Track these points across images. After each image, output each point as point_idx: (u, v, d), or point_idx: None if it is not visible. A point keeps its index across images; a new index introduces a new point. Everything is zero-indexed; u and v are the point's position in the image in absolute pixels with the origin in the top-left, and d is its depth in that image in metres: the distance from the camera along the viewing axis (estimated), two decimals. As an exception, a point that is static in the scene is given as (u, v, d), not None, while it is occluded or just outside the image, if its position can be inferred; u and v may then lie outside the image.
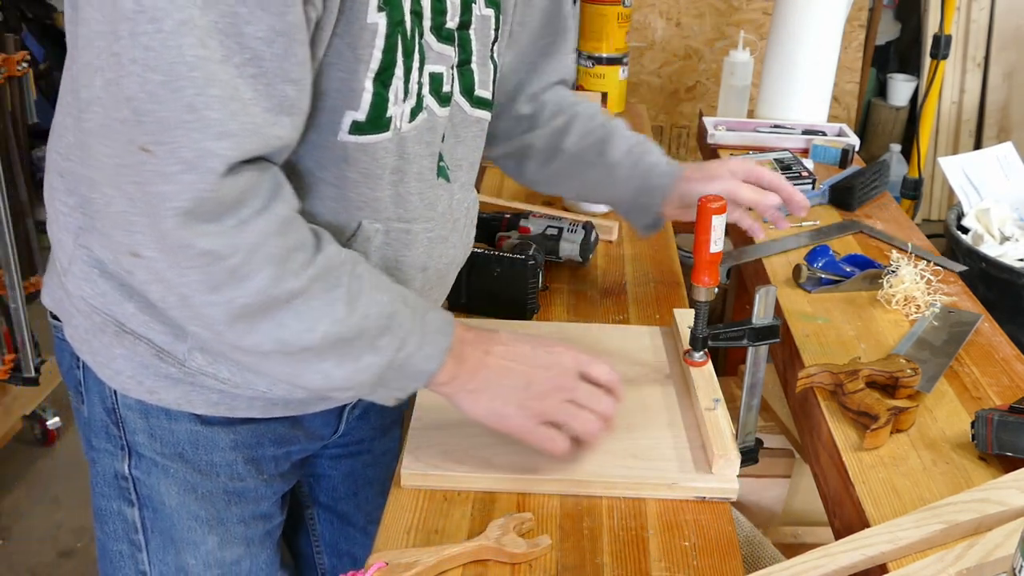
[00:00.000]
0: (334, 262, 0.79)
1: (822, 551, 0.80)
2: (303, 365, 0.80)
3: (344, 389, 0.83)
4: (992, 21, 3.72)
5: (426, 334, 0.84)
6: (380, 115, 0.81)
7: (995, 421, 0.92)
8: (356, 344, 0.80)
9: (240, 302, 0.74)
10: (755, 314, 0.94)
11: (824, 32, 1.86)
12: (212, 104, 0.68)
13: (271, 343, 0.77)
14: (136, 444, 0.95)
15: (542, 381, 0.88)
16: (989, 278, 1.77)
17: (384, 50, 0.78)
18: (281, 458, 1.02)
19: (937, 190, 3.88)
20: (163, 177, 0.69)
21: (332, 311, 0.78)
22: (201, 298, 0.74)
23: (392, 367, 0.82)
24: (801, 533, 1.73)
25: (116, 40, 0.66)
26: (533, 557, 0.82)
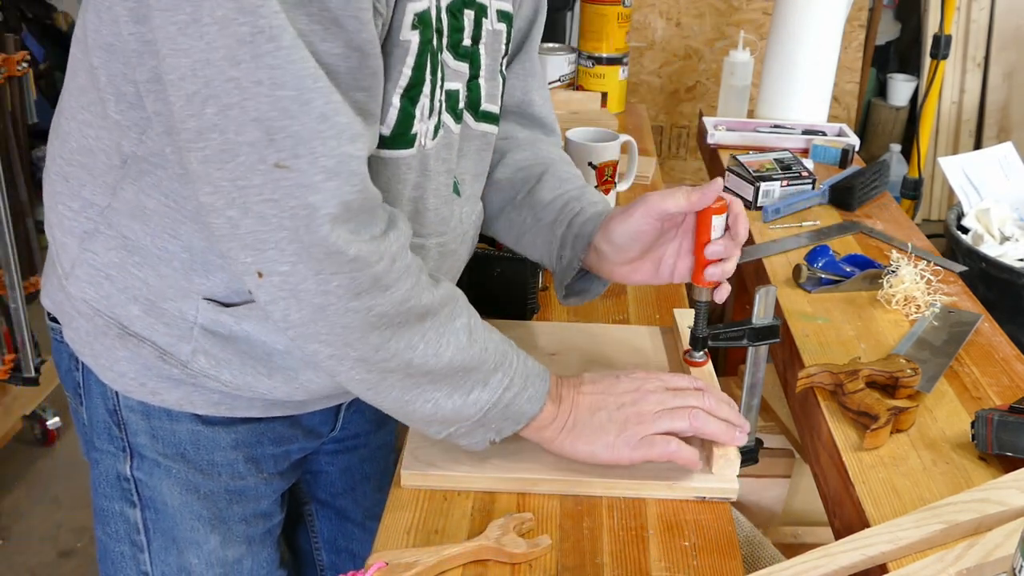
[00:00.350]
0: (457, 294, 0.84)
1: (822, 551, 0.80)
2: (417, 391, 0.82)
3: (447, 423, 0.84)
4: (992, 21, 3.73)
5: (529, 376, 0.86)
6: (405, 131, 0.82)
7: (995, 421, 0.92)
8: (472, 376, 0.83)
9: (379, 310, 0.76)
10: (755, 314, 0.95)
11: (824, 32, 1.86)
12: (340, 110, 0.70)
13: (398, 361, 0.79)
14: (138, 445, 0.95)
15: (631, 403, 0.89)
16: (989, 278, 1.77)
17: (414, 68, 0.80)
18: (280, 457, 1.02)
19: (937, 190, 3.88)
20: (307, 188, 0.70)
21: (457, 339, 0.81)
22: (342, 305, 0.75)
23: (497, 406, 0.84)
24: (801, 533, 1.73)
25: (234, 65, 0.66)
26: (533, 557, 0.82)
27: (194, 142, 0.70)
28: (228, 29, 0.65)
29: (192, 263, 0.84)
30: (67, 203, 0.86)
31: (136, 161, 0.80)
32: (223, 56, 0.66)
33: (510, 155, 1.07)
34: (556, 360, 1.10)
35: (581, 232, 1.00)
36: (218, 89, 0.67)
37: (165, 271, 0.84)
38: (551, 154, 1.10)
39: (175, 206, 0.81)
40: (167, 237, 0.83)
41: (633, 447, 0.88)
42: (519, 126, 1.11)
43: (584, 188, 1.05)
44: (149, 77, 0.74)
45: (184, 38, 0.66)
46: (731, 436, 0.90)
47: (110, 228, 0.85)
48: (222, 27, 0.65)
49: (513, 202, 1.06)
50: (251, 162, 0.69)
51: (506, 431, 0.87)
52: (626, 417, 0.88)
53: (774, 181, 1.57)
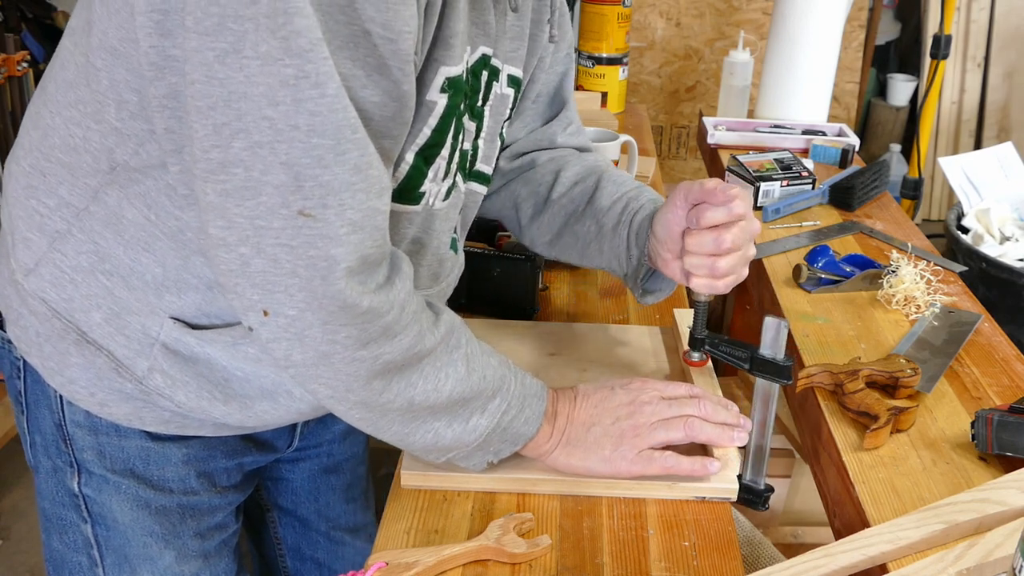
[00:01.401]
0: (455, 323, 0.83)
1: (822, 551, 0.80)
2: (418, 423, 0.81)
3: (446, 450, 0.84)
4: (992, 21, 3.73)
5: (526, 397, 0.86)
6: (414, 188, 0.82)
7: (995, 421, 0.92)
8: (471, 405, 0.82)
9: (385, 359, 0.75)
10: (761, 343, 0.91)
11: (824, 32, 1.86)
12: (373, 163, 0.69)
13: (400, 401, 0.79)
14: (85, 462, 0.92)
15: (627, 416, 0.89)
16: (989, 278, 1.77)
17: (435, 129, 0.79)
18: (233, 470, 1.00)
19: (937, 190, 3.88)
20: (330, 240, 0.68)
21: (456, 371, 0.81)
22: (348, 354, 0.74)
23: (496, 430, 0.84)
24: (801, 533, 1.74)
25: (272, 105, 0.64)
26: (533, 557, 0.82)
27: (215, 173, 0.67)
28: (271, 68, 0.63)
29: (164, 280, 0.81)
30: (42, 199, 0.83)
31: (126, 170, 0.78)
32: (262, 93, 0.64)
33: (563, 172, 1.08)
34: (556, 360, 1.10)
35: (641, 228, 0.99)
36: (250, 125, 0.65)
37: (135, 283, 0.82)
38: (600, 162, 1.11)
39: (155, 220, 0.79)
40: (140, 250, 0.80)
41: (631, 461, 0.88)
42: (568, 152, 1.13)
43: (641, 187, 1.05)
44: (167, 93, 0.71)
45: (221, 67, 0.64)
46: (728, 438, 0.90)
47: (83, 232, 0.82)
48: (265, 64, 0.63)
49: (575, 215, 1.06)
50: (273, 204, 0.67)
51: (504, 452, 0.87)
52: (622, 431, 0.89)
53: (774, 181, 1.57)
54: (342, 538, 1.22)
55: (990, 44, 3.76)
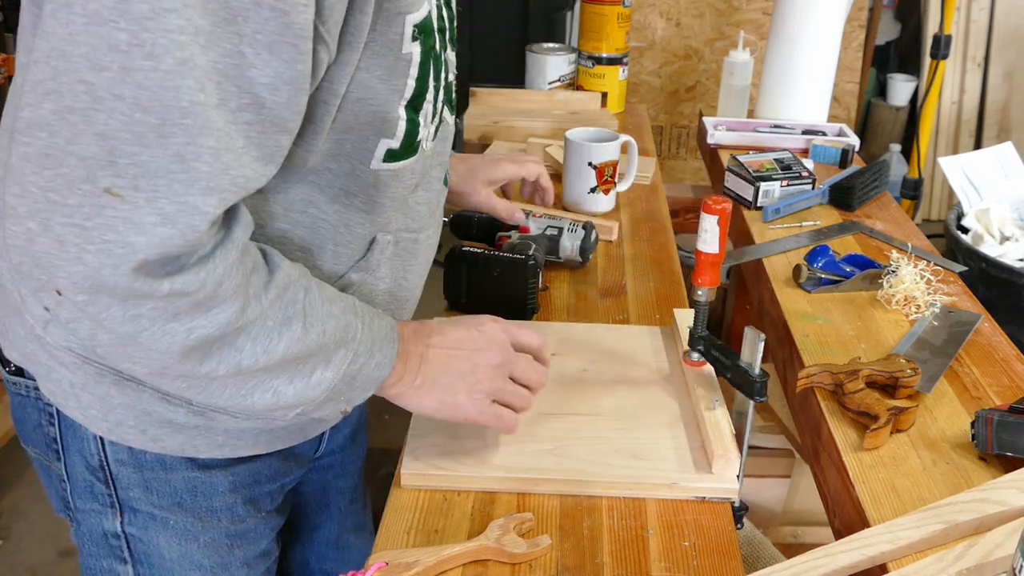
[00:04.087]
0: (291, 278, 0.75)
1: (822, 551, 0.80)
2: (252, 384, 0.74)
3: (291, 407, 0.78)
4: (992, 21, 3.73)
5: (375, 342, 0.81)
6: (412, 141, 0.81)
7: (995, 421, 0.92)
8: (311, 361, 0.76)
9: (200, 333, 0.68)
10: (741, 353, 0.93)
11: (824, 32, 1.86)
12: (203, 155, 0.62)
13: (226, 368, 0.72)
14: (130, 500, 0.90)
15: (484, 363, 0.87)
16: (989, 278, 1.77)
17: (418, 78, 0.77)
18: (276, 492, 1.00)
19: (937, 190, 3.88)
20: (133, 226, 0.62)
21: (290, 331, 0.74)
22: (156, 328, 0.67)
23: (344, 380, 0.79)
24: (801, 533, 1.74)
25: (96, 71, 0.59)
26: (533, 557, 0.82)
27: (21, 134, 0.61)
28: (100, 29, 0.58)
29: None
30: None
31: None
32: (83, 54, 0.58)
33: None
34: (556, 360, 1.10)
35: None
36: (63, 87, 0.59)
37: None
38: None
39: None
40: None
41: (480, 411, 0.88)
42: None
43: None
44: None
45: (52, 20, 0.59)
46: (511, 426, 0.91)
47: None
48: (91, 22, 0.58)
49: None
50: (74, 178, 0.61)
51: (357, 399, 0.82)
52: (478, 380, 0.87)
53: (774, 181, 1.57)
54: (348, 541, 1.22)
55: (990, 44, 3.76)
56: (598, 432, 0.97)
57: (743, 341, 0.92)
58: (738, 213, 1.58)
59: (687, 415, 1.00)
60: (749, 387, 0.90)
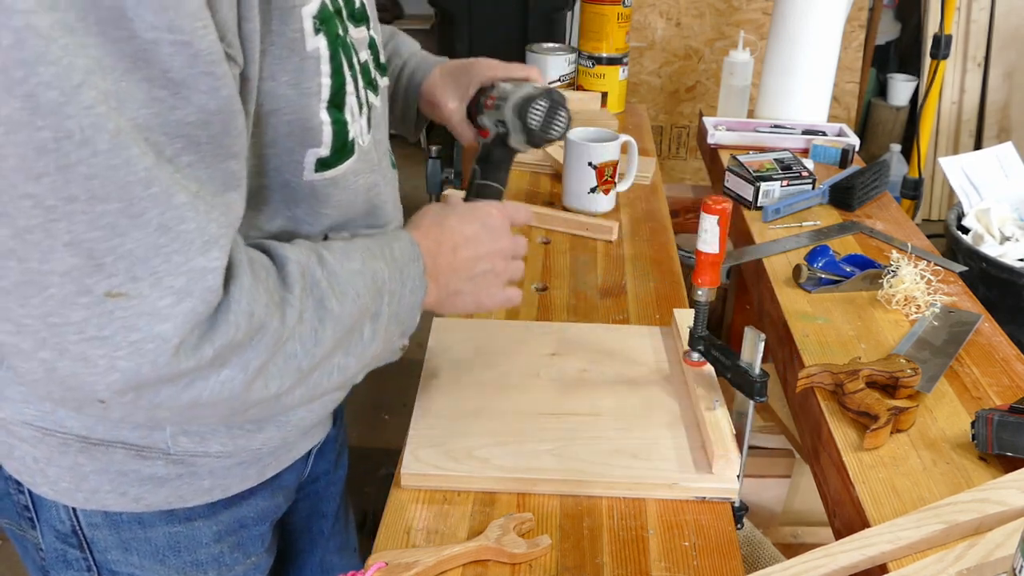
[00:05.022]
0: (302, 263, 0.70)
1: (822, 551, 0.80)
2: (319, 376, 0.72)
3: (360, 370, 0.78)
4: (992, 21, 3.73)
5: (402, 270, 0.79)
6: (344, 142, 0.75)
7: (995, 421, 0.92)
8: (358, 326, 0.74)
9: (255, 365, 0.66)
10: (741, 353, 0.93)
11: (824, 32, 1.86)
12: (184, 215, 0.58)
13: (291, 378, 0.69)
14: (108, 562, 0.86)
15: (499, 257, 0.90)
16: (989, 278, 1.77)
17: (332, 74, 0.70)
18: (266, 532, 0.96)
19: (937, 190, 3.88)
20: (153, 318, 0.58)
21: (329, 314, 0.70)
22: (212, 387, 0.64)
23: (392, 321, 0.78)
24: (801, 533, 1.74)
25: (35, 180, 0.52)
26: (533, 557, 0.82)
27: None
28: (20, 135, 0.51)
29: None
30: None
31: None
32: (14, 167, 0.52)
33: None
34: (556, 360, 1.10)
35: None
36: (11, 208, 0.53)
37: None
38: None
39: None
40: None
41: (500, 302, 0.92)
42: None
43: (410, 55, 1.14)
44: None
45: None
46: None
47: None
48: (8, 131, 0.51)
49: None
50: (66, 295, 0.56)
51: (409, 327, 0.83)
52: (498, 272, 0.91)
53: (774, 181, 1.57)
54: (332, 563, 1.17)
55: (990, 44, 3.76)
56: (598, 432, 0.97)
57: (743, 341, 0.92)
58: (738, 213, 1.58)
59: (687, 415, 1.00)
60: (749, 387, 0.90)
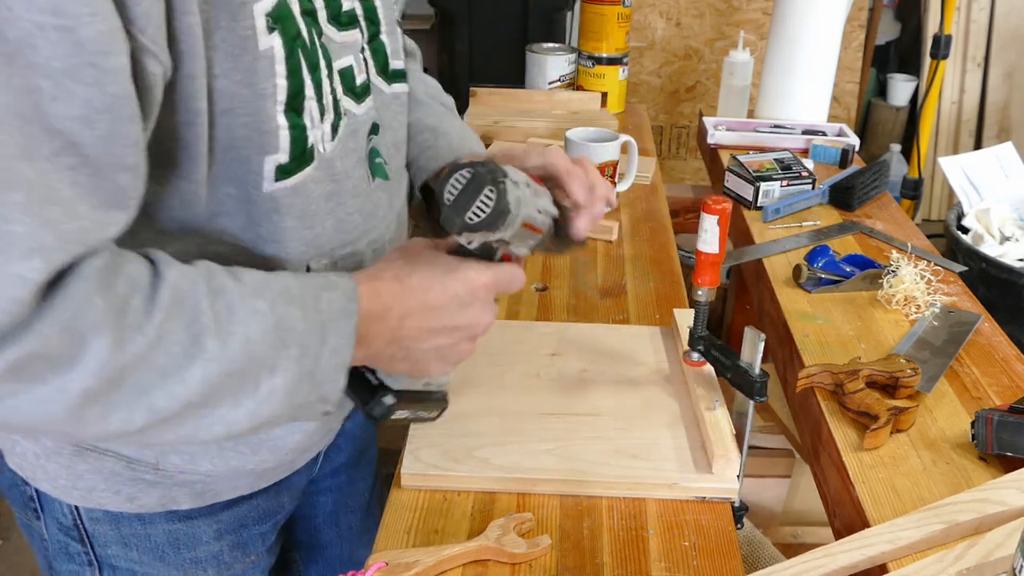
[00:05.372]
0: (183, 290, 0.62)
1: (822, 551, 0.80)
2: (193, 423, 0.63)
3: (254, 428, 0.67)
4: (992, 21, 3.73)
5: (325, 324, 0.68)
6: (303, 148, 0.70)
7: (995, 421, 0.92)
8: (246, 374, 0.64)
9: (76, 388, 0.57)
10: (741, 353, 0.92)
11: (824, 32, 1.86)
12: (13, 215, 0.52)
13: (141, 415, 0.61)
14: (108, 557, 0.87)
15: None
16: (989, 278, 1.76)
17: (287, 75, 0.67)
18: (268, 532, 0.96)
19: (937, 190, 3.88)
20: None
21: (200, 349, 0.61)
22: (22, 407, 0.57)
23: (301, 381, 0.67)
24: (801, 533, 1.74)
25: None
26: (533, 557, 0.82)
27: None
28: None
29: None
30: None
31: None
32: None
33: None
34: (556, 360, 1.10)
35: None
36: None
37: None
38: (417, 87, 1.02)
39: None
40: None
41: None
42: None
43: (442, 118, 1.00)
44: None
45: None
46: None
47: None
48: None
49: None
50: None
51: (331, 393, 0.70)
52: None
53: (774, 181, 1.57)
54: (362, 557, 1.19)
55: (990, 44, 3.75)
56: (598, 432, 0.97)
57: (743, 341, 0.92)
58: (738, 213, 1.58)
59: (687, 415, 1.00)
60: (749, 387, 0.90)
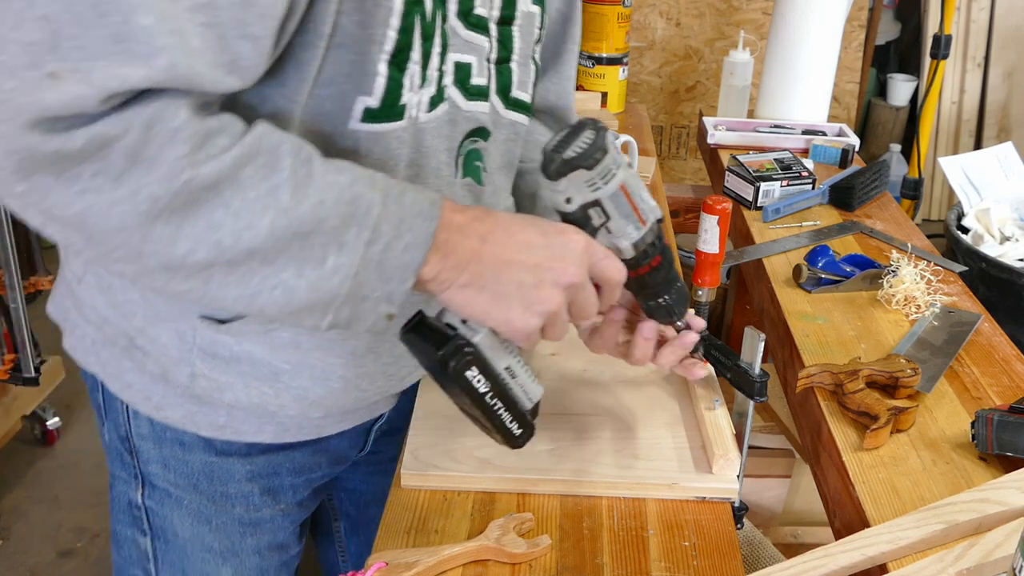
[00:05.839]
0: (269, 141, 0.65)
1: (822, 551, 0.80)
2: (255, 279, 0.66)
3: (315, 307, 0.68)
4: (992, 21, 3.73)
5: (404, 219, 0.69)
6: (394, 102, 0.75)
7: (995, 421, 0.92)
8: (314, 240, 0.66)
9: (147, 192, 0.61)
10: (741, 353, 0.92)
11: (824, 32, 1.86)
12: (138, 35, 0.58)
13: (206, 249, 0.63)
14: (149, 474, 0.93)
15: (551, 280, 0.72)
16: (989, 278, 1.77)
17: (400, 30, 0.72)
18: (300, 486, 0.99)
19: (937, 190, 3.88)
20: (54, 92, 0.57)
21: (275, 200, 0.64)
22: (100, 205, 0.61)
23: (367, 267, 0.68)
24: (801, 533, 1.73)
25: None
26: (533, 557, 0.82)
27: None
28: None
29: None
30: None
31: None
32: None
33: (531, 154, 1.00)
34: (556, 360, 1.10)
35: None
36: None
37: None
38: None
39: None
40: None
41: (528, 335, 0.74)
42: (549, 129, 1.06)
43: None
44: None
45: None
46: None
47: None
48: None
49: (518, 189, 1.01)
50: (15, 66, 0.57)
51: (396, 293, 0.70)
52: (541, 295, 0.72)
53: (774, 181, 1.57)
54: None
55: (990, 44, 3.76)
56: (598, 432, 0.97)
57: (743, 341, 0.92)
58: (738, 213, 1.58)
59: (687, 415, 1.00)
60: (749, 387, 0.90)
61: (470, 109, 0.83)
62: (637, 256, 0.79)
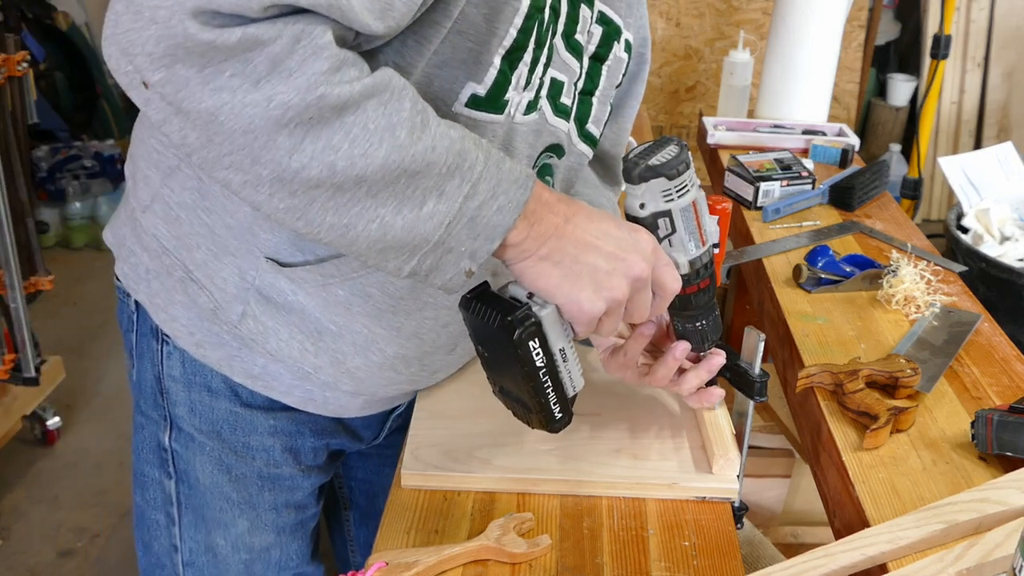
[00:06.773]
0: (395, 82, 0.68)
1: (822, 551, 0.80)
2: (357, 207, 0.68)
3: (404, 249, 0.70)
4: (992, 21, 3.73)
5: (501, 182, 0.71)
6: (500, 95, 0.80)
7: (995, 421, 0.92)
8: (420, 182, 0.68)
9: (281, 99, 0.63)
10: (741, 353, 0.93)
11: (824, 32, 1.86)
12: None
13: (319, 167, 0.65)
14: (177, 417, 0.96)
15: (622, 270, 0.75)
16: (989, 278, 1.77)
17: (520, 30, 0.77)
18: (320, 449, 1.02)
19: (937, 190, 3.88)
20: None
21: (392, 135, 0.67)
22: (238, 100, 0.63)
23: (461, 219, 0.70)
24: (801, 533, 1.73)
25: None
26: (533, 557, 0.82)
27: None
28: None
29: (257, 216, 0.83)
30: (159, 136, 0.87)
31: None
32: None
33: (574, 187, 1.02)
34: (556, 360, 1.09)
35: None
36: None
37: (231, 221, 0.84)
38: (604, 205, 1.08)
39: None
40: None
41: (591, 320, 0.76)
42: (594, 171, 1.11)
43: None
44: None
45: None
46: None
47: (190, 168, 0.85)
48: None
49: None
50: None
51: (481, 251, 0.72)
52: (612, 282, 0.75)
53: (774, 181, 1.57)
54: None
55: (990, 44, 3.75)
56: (598, 432, 0.97)
57: (743, 341, 0.92)
58: (738, 213, 1.58)
59: (687, 415, 1.00)
60: (749, 387, 0.90)
61: (555, 125, 0.88)
62: (690, 274, 0.82)
